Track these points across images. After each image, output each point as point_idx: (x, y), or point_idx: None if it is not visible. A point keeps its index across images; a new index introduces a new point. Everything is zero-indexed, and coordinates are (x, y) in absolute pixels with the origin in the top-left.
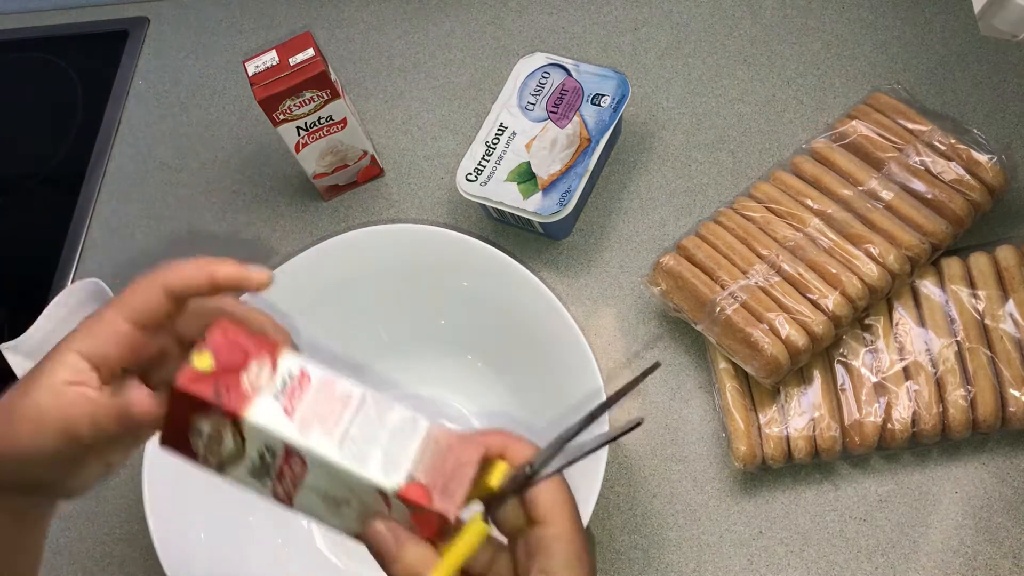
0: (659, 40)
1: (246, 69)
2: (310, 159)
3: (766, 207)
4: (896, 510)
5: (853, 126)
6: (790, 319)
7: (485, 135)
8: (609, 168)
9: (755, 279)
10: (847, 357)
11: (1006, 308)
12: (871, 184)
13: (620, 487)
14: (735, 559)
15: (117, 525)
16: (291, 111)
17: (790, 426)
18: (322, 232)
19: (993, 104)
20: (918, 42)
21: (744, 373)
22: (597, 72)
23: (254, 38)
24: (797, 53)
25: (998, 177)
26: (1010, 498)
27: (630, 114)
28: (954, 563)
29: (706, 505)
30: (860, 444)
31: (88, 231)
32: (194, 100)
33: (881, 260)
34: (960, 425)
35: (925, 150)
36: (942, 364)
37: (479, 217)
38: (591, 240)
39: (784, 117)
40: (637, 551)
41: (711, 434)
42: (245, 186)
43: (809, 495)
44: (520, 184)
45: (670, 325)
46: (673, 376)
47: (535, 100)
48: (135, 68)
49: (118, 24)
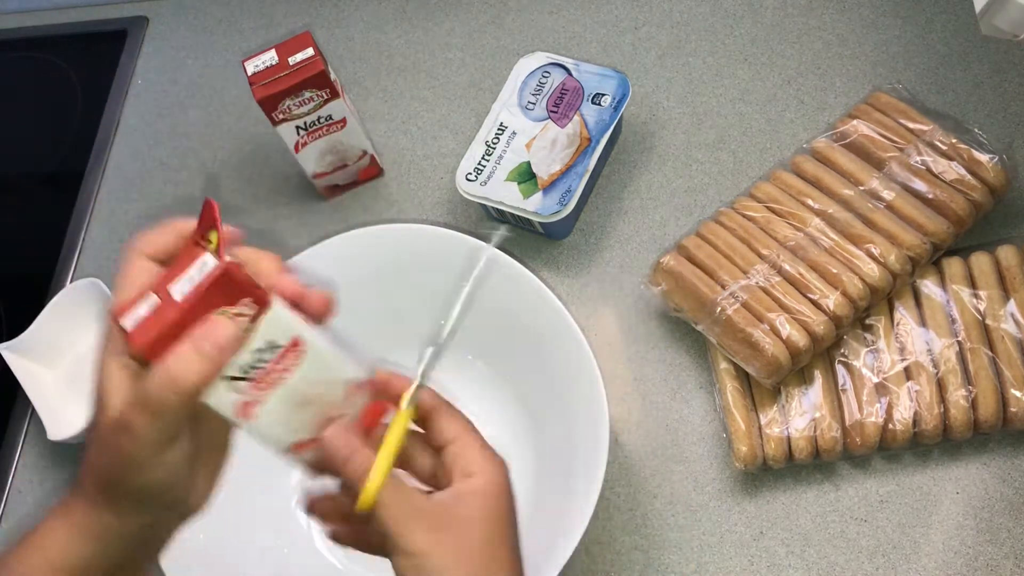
0: (659, 39)
1: (245, 69)
2: (310, 159)
3: (767, 207)
4: (897, 511)
5: (854, 126)
6: (791, 319)
7: (485, 135)
8: (609, 168)
9: (756, 279)
10: (848, 357)
11: (1007, 308)
12: (872, 184)
13: (620, 487)
14: (736, 560)
15: None
16: (291, 111)
17: (791, 426)
18: (322, 232)
19: (994, 104)
20: (919, 41)
21: (745, 373)
22: (597, 72)
23: (253, 38)
24: (798, 53)
25: (999, 177)
26: (1011, 498)
27: (630, 114)
28: (955, 564)
29: (707, 506)
30: (861, 444)
31: (87, 231)
32: (193, 100)
33: (882, 260)
34: (961, 425)
35: (926, 150)
36: (943, 364)
37: (479, 217)
38: (591, 240)
39: (785, 117)
40: (638, 552)
41: (712, 434)
42: (245, 186)
43: (810, 496)
44: (520, 184)
45: (670, 325)
46: (673, 376)
47: (535, 100)
48: (134, 68)
49: (117, 24)
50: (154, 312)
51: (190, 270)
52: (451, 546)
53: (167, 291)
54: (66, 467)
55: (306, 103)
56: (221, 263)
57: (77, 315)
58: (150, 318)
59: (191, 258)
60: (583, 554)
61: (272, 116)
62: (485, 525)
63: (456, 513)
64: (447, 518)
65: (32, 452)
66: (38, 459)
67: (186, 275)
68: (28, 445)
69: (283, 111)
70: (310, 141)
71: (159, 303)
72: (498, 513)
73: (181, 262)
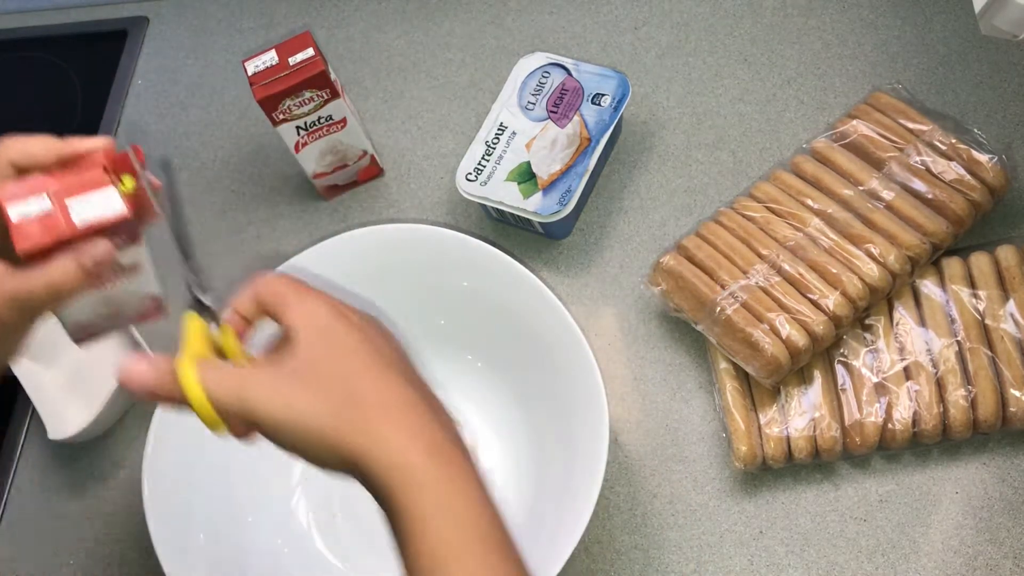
0: (659, 40)
1: (245, 69)
2: (310, 159)
3: (766, 207)
4: (897, 510)
5: (854, 126)
6: (791, 319)
7: (485, 135)
8: (609, 168)
9: (755, 279)
10: (848, 357)
11: (1007, 308)
12: (872, 184)
13: (620, 487)
14: (735, 559)
15: (117, 525)
16: (291, 111)
17: (791, 426)
18: (322, 232)
19: (994, 104)
20: (919, 42)
21: (744, 373)
22: (597, 72)
23: (254, 38)
24: (797, 53)
25: (999, 177)
26: (1011, 498)
27: (630, 114)
28: (955, 563)
29: (706, 505)
30: (861, 444)
31: None
32: (193, 100)
33: (882, 260)
34: (961, 425)
35: (926, 150)
36: (943, 364)
37: (479, 217)
38: (591, 240)
39: (784, 117)
40: (637, 551)
41: (711, 434)
42: (245, 186)
43: (809, 495)
44: (520, 184)
45: (670, 325)
46: (673, 376)
47: (535, 100)
48: (134, 68)
49: (117, 24)
50: (45, 218)
51: (94, 195)
52: (305, 396)
53: (64, 204)
54: (66, 467)
55: (306, 103)
56: (129, 211)
57: None
58: (40, 221)
59: (95, 182)
60: (583, 554)
61: (272, 116)
62: (328, 364)
63: (297, 370)
64: (291, 378)
65: (32, 452)
66: (38, 459)
67: (89, 199)
68: (28, 445)
69: (283, 111)
70: (310, 141)
71: (51, 211)
72: (334, 349)
73: (82, 178)
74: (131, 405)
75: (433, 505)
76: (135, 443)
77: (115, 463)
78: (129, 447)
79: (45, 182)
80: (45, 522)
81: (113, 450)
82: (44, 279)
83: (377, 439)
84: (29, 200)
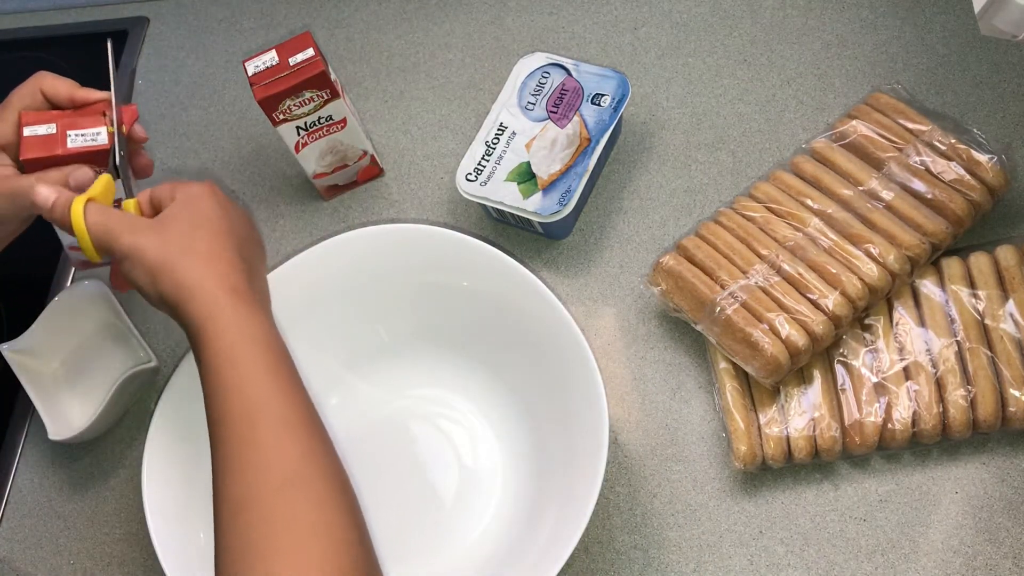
0: (659, 40)
1: (246, 69)
2: (310, 159)
3: (766, 207)
4: (896, 510)
5: (853, 126)
6: (790, 319)
7: (485, 135)
8: (609, 168)
9: (755, 279)
10: (847, 357)
11: (1006, 308)
12: (871, 184)
13: (620, 487)
14: (735, 559)
15: (117, 525)
16: (291, 111)
17: (790, 426)
18: (322, 232)
19: (993, 104)
20: (918, 42)
21: (744, 373)
22: (597, 72)
23: (254, 38)
24: (797, 53)
25: (998, 177)
26: (1010, 498)
27: (630, 114)
28: (954, 563)
29: (706, 505)
30: (860, 444)
31: None
32: (194, 100)
33: (881, 260)
34: (960, 425)
35: (925, 150)
36: (942, 364)
37: (479, 217)
38: (591, 240)
39: (784, 117)
40: (637, 551)
41: (711, 434)
42: (245, 186)
43: (809, 495)
44: (520, 184)
45: (670, 325)
46: (673, 376)
47: (535, 100)
48: (134, 68)
49: (118, 24)
50: (48, 139)
51: (88, 131)
52: (154, 239)
53: (64, 132)
54: (66, 467)
55: (306, 103)
56: (108, 143)
57: (77, 315)
58: (42, 140)
59: (93, 121)
60: (583, 554)
61: (272, 116)
62: (181, 222)
63: (158, 221)
64: (150, 225)
65: (33, 452)
66: (39, 459)
67: (83, 133)
68: (29, 445)
69: (283, 111)
70: (310, 141)
71: (55, 135)
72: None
73: (85, 115)
74: (131, 405)
75: (235, 331)
76: (135, 443)
77: (115, 463)
78: (129, 447)
79: (58, 116)
80: (45, 522)
81: (113, 450)
82: (32, 180)
83: (194, 279)
84: (40, 126)
